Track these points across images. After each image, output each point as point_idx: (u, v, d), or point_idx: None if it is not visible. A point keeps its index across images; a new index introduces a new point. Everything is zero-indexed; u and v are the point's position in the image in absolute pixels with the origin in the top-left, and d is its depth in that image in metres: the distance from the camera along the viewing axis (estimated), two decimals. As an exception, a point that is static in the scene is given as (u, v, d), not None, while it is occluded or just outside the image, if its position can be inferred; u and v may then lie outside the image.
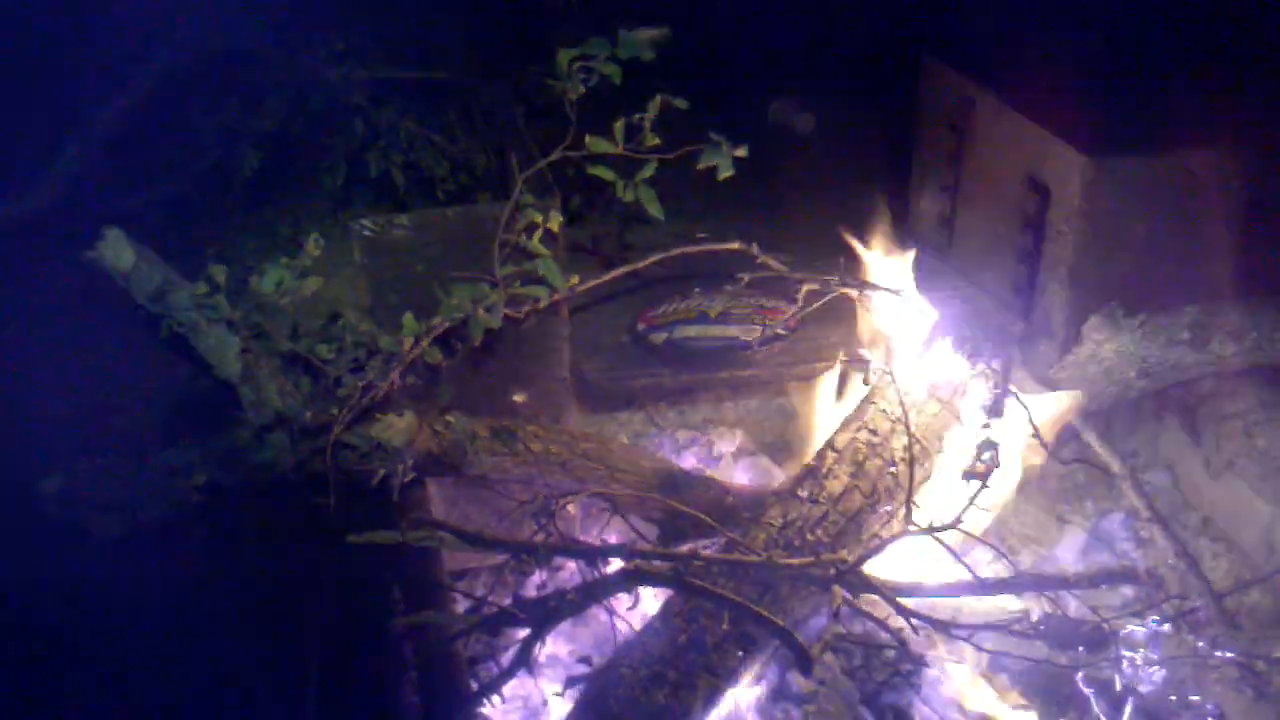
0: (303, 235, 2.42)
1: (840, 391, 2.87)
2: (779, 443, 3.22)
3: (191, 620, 2.33)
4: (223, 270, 2.41)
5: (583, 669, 2.29)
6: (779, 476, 3.00)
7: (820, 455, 2.64)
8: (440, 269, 2.54)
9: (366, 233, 2.63)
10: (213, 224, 3.39)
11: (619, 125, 2.46)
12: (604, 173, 2.51)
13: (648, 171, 2.51)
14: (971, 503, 2.54)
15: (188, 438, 2.47)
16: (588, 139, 2.46)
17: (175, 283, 2.46)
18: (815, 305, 2.67)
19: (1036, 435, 2.64)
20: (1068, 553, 3.01)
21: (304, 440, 2.40)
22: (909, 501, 2.52)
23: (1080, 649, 2.61)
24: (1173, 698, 2.63)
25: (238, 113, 3.47)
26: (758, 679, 2.47)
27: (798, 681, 2.52)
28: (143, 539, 2.35)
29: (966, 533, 2.41)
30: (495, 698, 2.12)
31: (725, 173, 2.52)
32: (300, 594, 2.21)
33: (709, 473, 2.93)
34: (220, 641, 2.24)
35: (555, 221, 2.57)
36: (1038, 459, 2.84)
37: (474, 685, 2.15)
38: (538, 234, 2.53)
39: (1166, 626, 2.68)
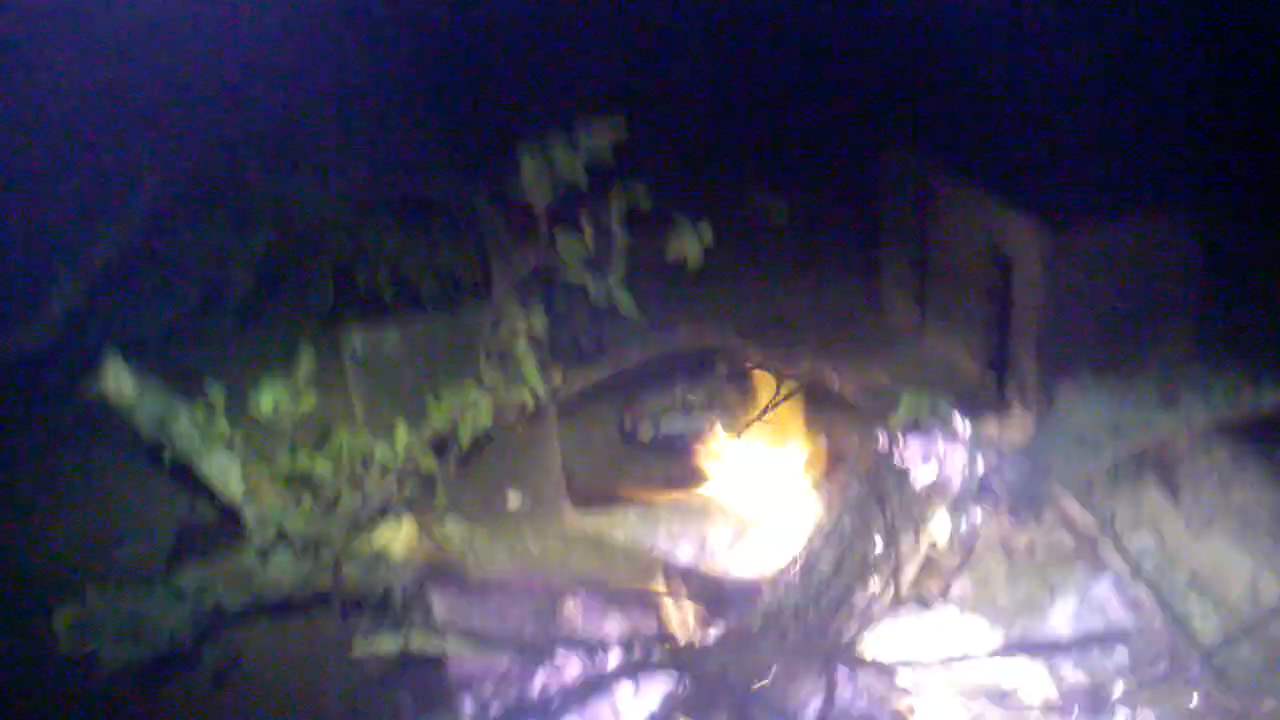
0: (295, 352, 2.49)
1: (826, 470, 2.95)
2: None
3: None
4: (220, 392, 2.49)
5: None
6: (774, 560, 3.06)
7: (810, 538, 2.71)
8: (429, 377, 2.62)
9: (357, 346, 2.72)
10: (207, 346, 3.47)
11: (587, 230, 2.54)
12: (578, 277, 2.59)
13: (618, 271, 2.59)
14: (957, 574, 2.62)
15: (193, 562, 2.54)
16: (559, 243, 2.54)
17: (176, 408, 2.54)
18: (794, 392, 2.77)
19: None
20: (1059, 618, 3.06)
21: (307, 556, 2.47)
22: (897, 578, 2.60)
23: (1076, 712, 2.68)
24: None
25: (227, 236, 3.57)
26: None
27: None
28: (155, 664, 2.41)
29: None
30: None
31: (694, 261, 2.59)
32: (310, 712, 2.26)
33: (704, 563, 3.00)
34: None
35: (537, 323, 2.65)
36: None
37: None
38: (521, 338, 2.61)
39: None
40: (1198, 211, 3.18)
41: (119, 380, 2.49)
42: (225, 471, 2.52)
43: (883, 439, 2.77)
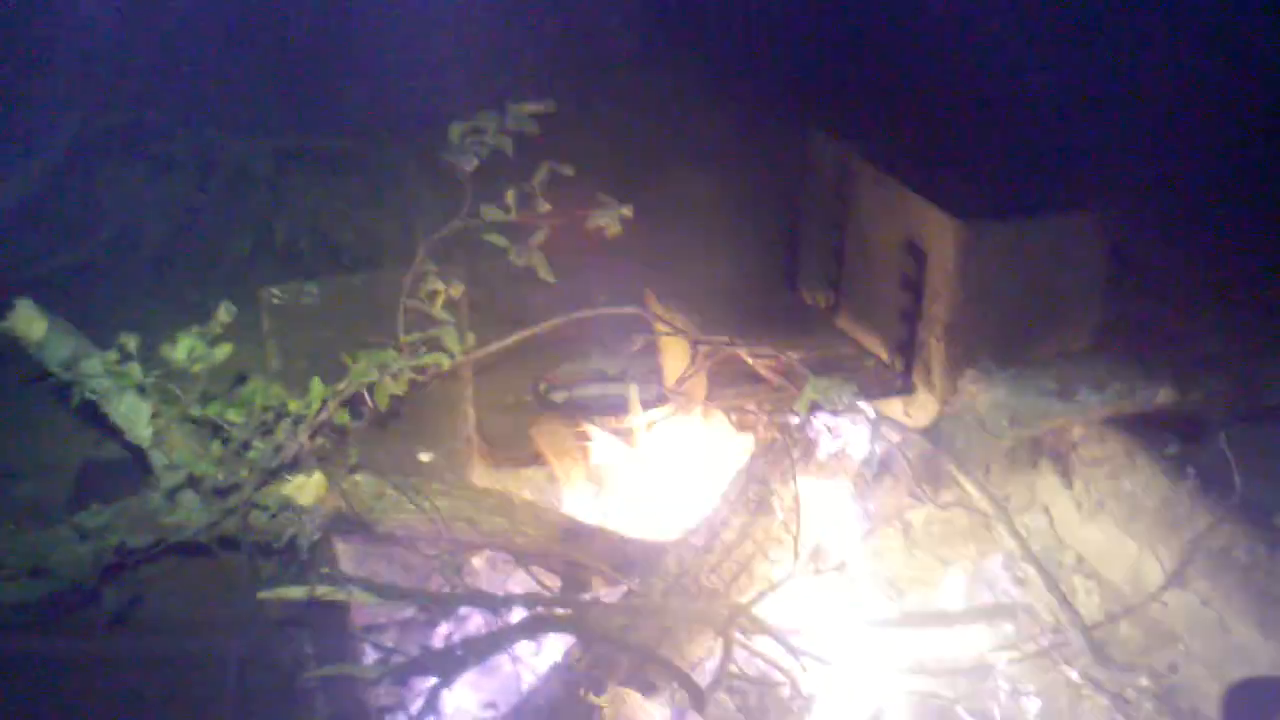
0: (211, 302, 2.48)
1: (734, 442, 3.01)
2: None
3: (103, 685, 2.36)
4: (134, 338, 2.48)
5: (488, 715, 2.37)
6: (679, 526, 3.12)
7: (715, 506, 2.77)
8: (347, 334, 2.62)
9: (275, 300, 2.72)
10: (121, 291, 3.44)
11: (510, 194, 2.57)
12: (497, 239, 2.62)
13: (539, 238, 2.62)
14: (856, 546, 2.70)
15: (98, 502, 2.53)
16: (481, 208, 2.57)
17: (86, 350, 2.52)
18: (708, 364, 2.82)
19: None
20: (951, 593, 3.16)
21: (214, 501, 2.47)
22: (797, 548, 2.67)
23: (961, 681, 2.77)
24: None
25: (144, 182, 3.54)
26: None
27: (696, 722, 2.63)
28: (54, 603, 2.40)
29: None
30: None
31: (613, 231, 2.64)
32: (212, 652, 2.26)
33: (610, 526, 3.04)
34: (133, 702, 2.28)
35: (456, 289, 2.67)
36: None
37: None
38: (439, 300, 2.63)
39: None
40: (1103, 213, 3.30)
41: (28, 319, 2.46)
42: (134, 414, 2.50)
43: (790, 415, 2.83)
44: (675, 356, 3.10)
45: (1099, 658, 2.89)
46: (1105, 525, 3.20)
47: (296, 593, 2.25)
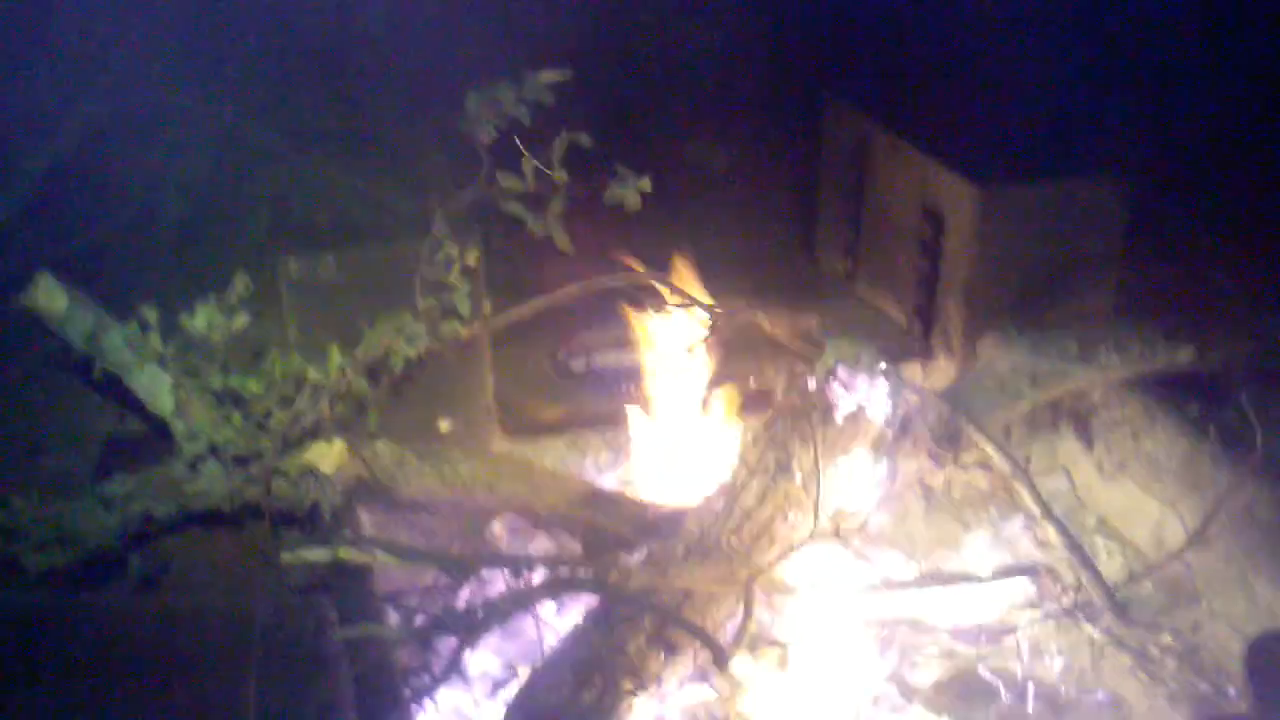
0: (229, 277, 2.51)
1: (755, 408, 3.01)
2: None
3: (128, 638, 2.37)
4: (154, 311, 2.51)
5: (510, 677, 2.39)
6: (701, 491, 3.12)
7: (734, 470, 2.78)
8: (365, 306, 2.64)
9: (293, 272, 2.74)
10: (140, 270, 3.46)
11: (528, 164, 2.58)
12: (516, 209, 2.63)
13: (556, 207, 2.63)
14: (876, 509, 2.70)
15: (121, 472, 2.55)
16: (499, 177, 2.58)
17: (107, 324, 2.55)
18: (727, 331, 2.82)
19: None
20: (972, 555, 3.16)
21: (237, 469, 2.49)
22: (817, 510, 2.67)
23: (983, 640, 2.78)
24: (1071, 686, 2.78)
25: (163, 160, 3.55)
26: (682, 681, 2.58)
27: (718, 682, 2.64)
28: (82, 571, 2.42)
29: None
30: (429, 704, 2.21)
31: (632, 206, 2.65)
32: (238, 610, 2.28)
33: (631, 491, 3.06)
34: (159, 667, 2.29)
35: (472, 256, 2.68)
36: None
37: (408, 694, 2.23)
38: (455, 268, 2.64)
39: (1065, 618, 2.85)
40: (1121, 175, 3.29)
41: (50, 294, 2.49)
42: (155, 386, 2.53)
43: (810, 379, 2.84)
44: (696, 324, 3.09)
45: (1121, 617, 2.88)
46: (1127, 486, 3.20)
47: (319, 555, 2.27)
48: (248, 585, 2.34)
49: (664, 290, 2.88)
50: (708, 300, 2.95)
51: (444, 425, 2.90)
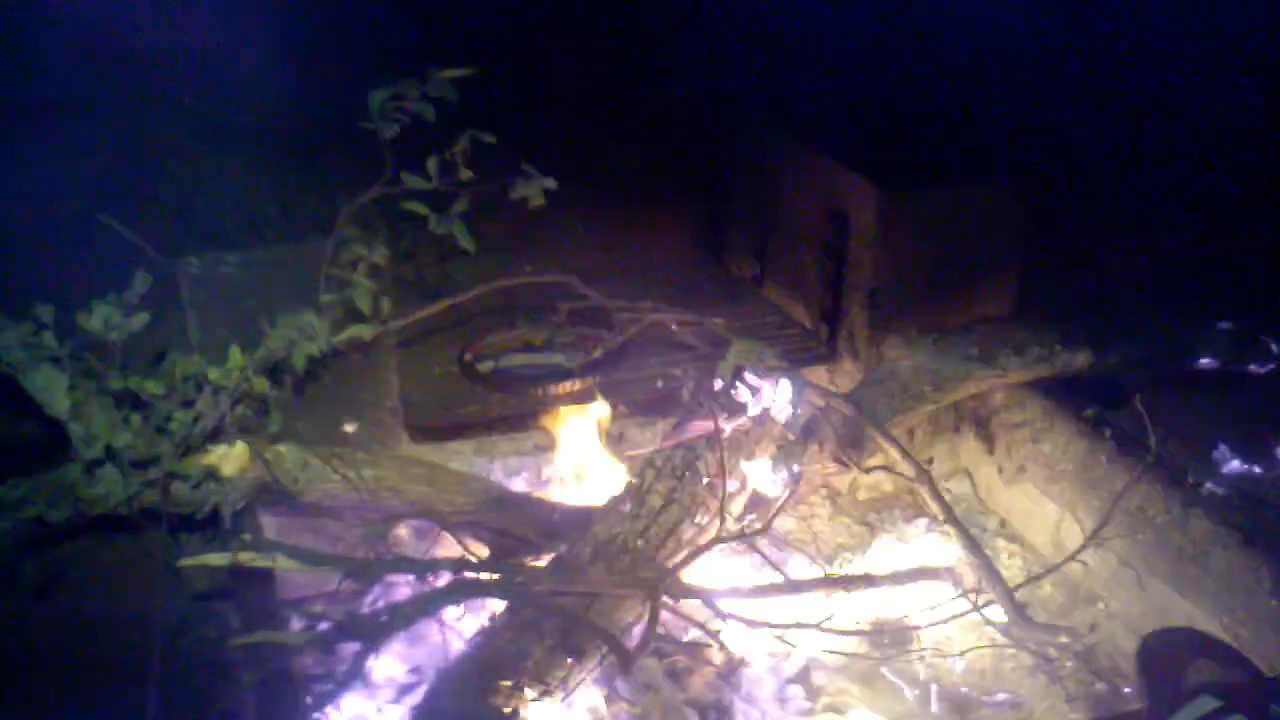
0: (129, 274, 2.45)
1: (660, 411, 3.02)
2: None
3: (21, 660, 2.32)
4: (50, 309, 2.44)
5: (416, 681, 2.38)
6: (607, 494, 3.13)
7: (641, 473, 2.79)
8: (268, 306, 2.60)
9: (193, 270, 2.69)
10: (37, 265, 3.37)
11: (432, 161, 2.56)
12: (418, 207, 2.60)
13: (460, 206, 2.62)
14: (781, 511, 2.72)
15: (14, 476, 2.49)
16: (403, 175, 2.56)
17: (0, 323, 2.49)
18: (633, 333, 2.83)
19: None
20: (877, 557, 3.20)
21: (135, 474, 2.44)
22: (723, 512, 2.69)
23: (887, 642, 2.82)
24: (973, 687, 2.83)
25: (61, 158, 3.47)
26: (587, 685, 2.59)
27: (624, 688, 2.64)
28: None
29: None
30: (332, 711, 2.19)
31: (536, 201, 2.64)
32: (139, 618, 2.23)
33: (538, 495, 3.05)
34: (54, 675, 2.25)
35: (380, 255, 2.66)
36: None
37: (310, 700, 2.21)
38: (361, 267, 2.61)
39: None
40: (1022, 180, 3.35)
41: (-62, 293, 2.43)
42: (51, 386, 2.46)
43: (715, 382, 2.85)
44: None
45: (1021, 618, 2.94)
46: (1026, 488, 3.26)
47: (218, 559, 2.23)
48: (147, 592, 2.29)
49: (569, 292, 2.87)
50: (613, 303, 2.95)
51: (349, 428, 2.87)
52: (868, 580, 2.88)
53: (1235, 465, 2.98)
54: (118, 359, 2.45)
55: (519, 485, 3.22)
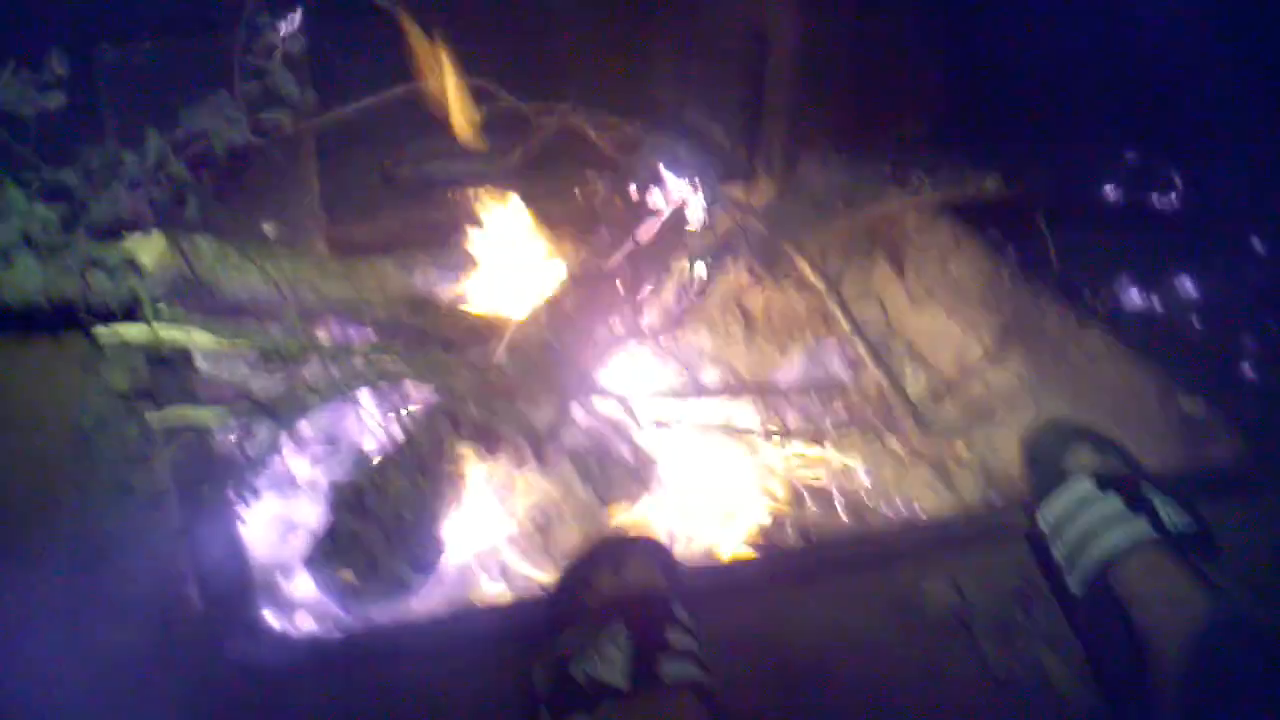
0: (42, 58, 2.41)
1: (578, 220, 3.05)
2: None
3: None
4: (-43, 92, 2.41)
5: (330, 451, 2.43)
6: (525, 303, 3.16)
7: (558, 279, 2.83)
8: (183, 93, 2.58)
9: (107, 59, 2.65)
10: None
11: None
12: None
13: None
14: (695, 319, 2.79)
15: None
16: None
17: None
18: (549, 135, 2.84)
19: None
20: (788, 375, 3.29)
21: (52, 260, 2.43)
22: (638, 319, 2.75)
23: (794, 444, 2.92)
24: (875, 497, 2.95)
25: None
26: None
27: (540, 484, 2.72)
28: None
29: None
30: (248, 488, 2.23)
31: None
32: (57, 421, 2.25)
33: (457, 303, 3.07)
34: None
35: (296, 44, 2.62)
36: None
37: (228, 479, 2.25)
38: (278, 54, 2.59)
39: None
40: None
41: None
42: (-38, 172, 2.45)
43: (632, 189, 2.89)
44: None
45: (923, 431, 3.07)
46: (934, 312, 3.35)
47: (137, 333, 2.25)
48: (67, 391, 2.30)
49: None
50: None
51: (268, 229, 2.86)
52: (774, 388, 2.98)
53: (1133, 294, 3.08)
54: (32, 138, 2.42)
55: (439, 293, 3.23)
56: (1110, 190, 3.31)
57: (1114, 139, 3.36)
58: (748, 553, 2.65)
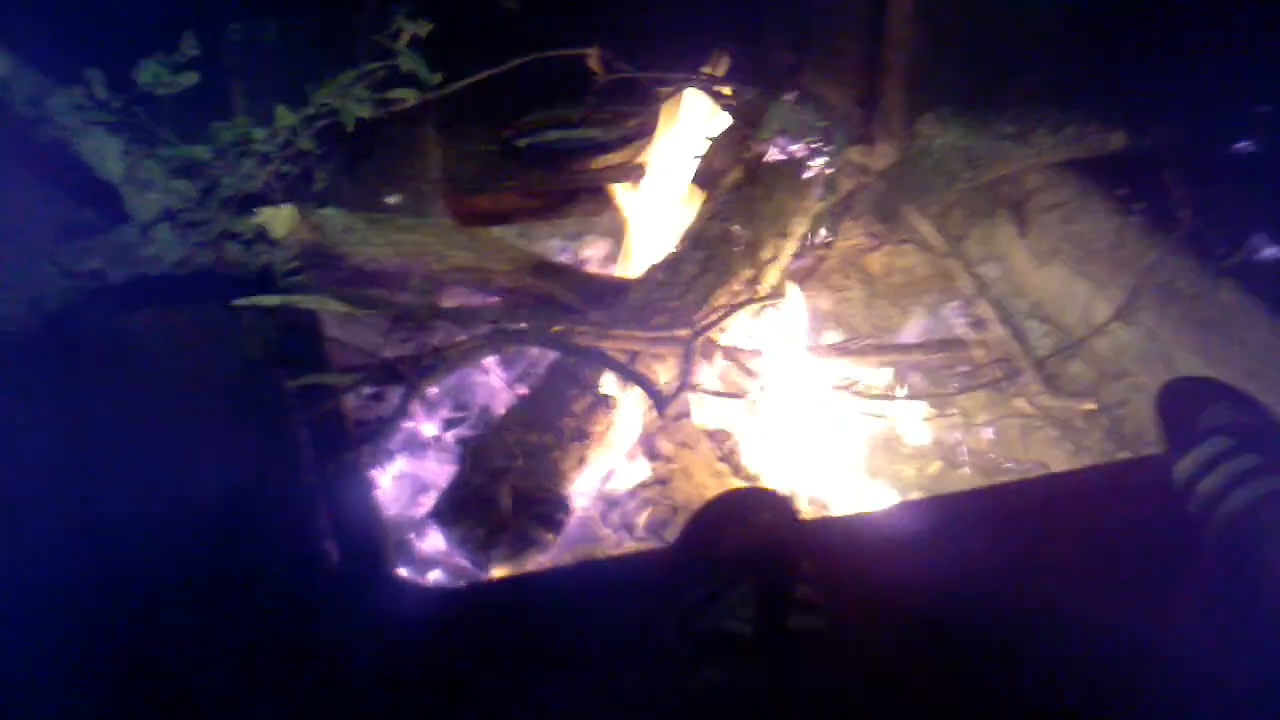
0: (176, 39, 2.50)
1: (699, 181, 3.06)
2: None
3: (90, 408, 2.42)
4: (99, 74, 2.50)
5: (460, 415, 2.48)
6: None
7: (679, 241, 2.85)
8: (310, 69, 2.64)
9: (236, 38, 2.74)
10: (83, 32, 3.37)
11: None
12: None
13: None
14: (815, 280, 2.78)
15: (75, 240, 2.58)
16: None
17: (50, 88, 2.56)
18: (669, 102, 2.85)
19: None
20: (911, 336, 3.26)
21: (189, 233, 2.53)
22: (758, 279, 2.76)
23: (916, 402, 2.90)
24: (1000, 454, 2.91)
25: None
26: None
27: (662, 444, 2.75)
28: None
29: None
30: (381, 446, 2.30)
31: None
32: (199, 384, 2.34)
33: (579, 266, 3.12)
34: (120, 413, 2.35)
35: (423, 27, 2.68)
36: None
37: (359, 437, 2.32)
38: (405, 37, 2.64)
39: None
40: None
41: (-12, 56, 2.49)
42: (105, 150, 2.55)
43: (752, 152, 2.89)
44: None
45: (1050, 390, 3.02)
46: (1059, 270, 3.28)
47: (270, 301, 2.33)
48: (208, 359, 2.39)
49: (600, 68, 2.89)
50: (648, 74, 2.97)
51: (391, 199, 2.93)
52: (898, 349, 2.96)
53: (1268, 249, 2.99)
54: (167, 122, 2.52)
55: (560, 256, 3.28)
56: (1242, 143, 3.20)
57: (1244, 90, 3.25)
58: (871, 508, 2.64)
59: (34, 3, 2.72)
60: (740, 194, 2.84)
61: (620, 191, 3.13)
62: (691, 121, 3.05)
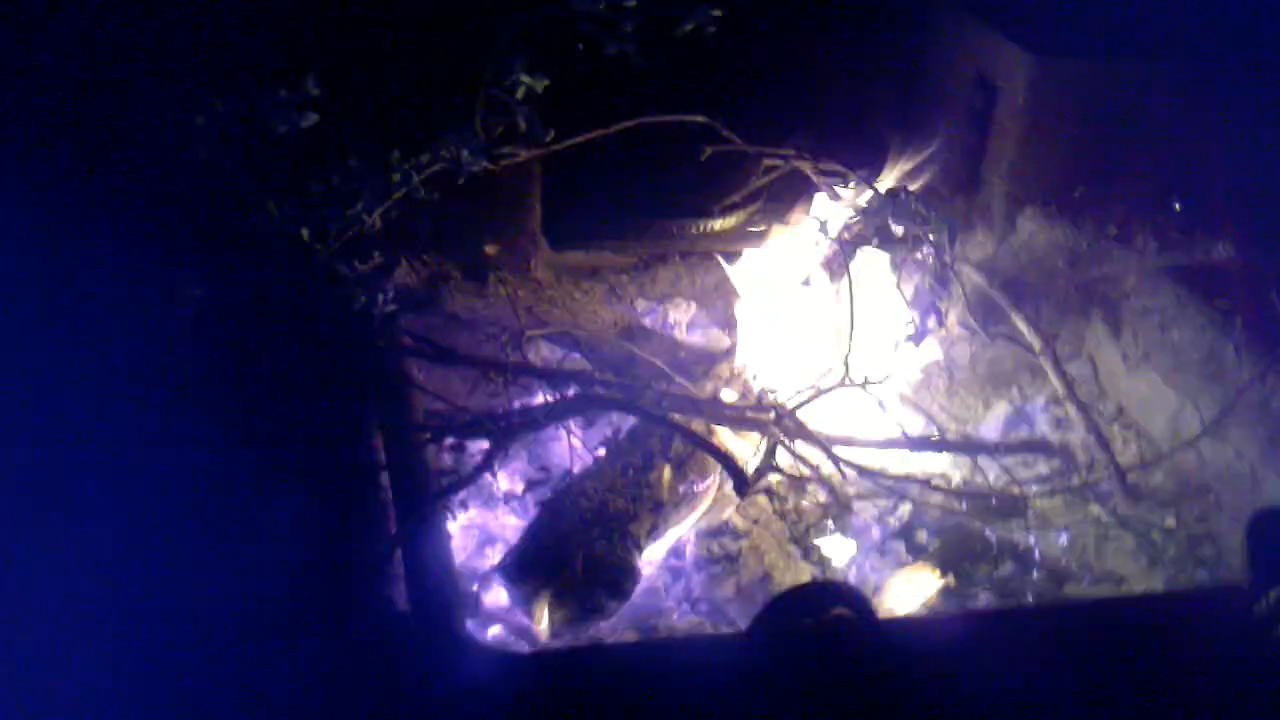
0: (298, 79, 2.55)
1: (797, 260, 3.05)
2: (731, 318, 3.40)
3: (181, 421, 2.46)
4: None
5: (541, 476, 2.50)
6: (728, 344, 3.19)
7: (769, 318, 2.85)
8: (425, 119, 2.68)
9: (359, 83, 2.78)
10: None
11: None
12: (591, 33, 2.60)
13: (629, 28, 2.62)
14: (904, 369, 2.76)
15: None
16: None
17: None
18: (772, 177, 2.86)
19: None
20: (991, 431, 3.23)
21: (295, 265, 2.56)
22: (847, 360, 2.74)
23: (995, 509, 2.86)
24: (1073, 561, 2.87)
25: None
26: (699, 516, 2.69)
27: (734, 520, 2.74)
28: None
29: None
30: (458, 500, 2.32)
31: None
32: (286, 396, 2.36)
33: (670, 329, 3.12)
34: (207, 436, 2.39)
35: (540, 83, 2.70)
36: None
37: (440, 489, 2.34)
38: (522, 91, 2.66)
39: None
40: (1179, 61, 3.28)
41: None
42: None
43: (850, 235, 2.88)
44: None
45: (1130, 500, 2.97)
46: (1149, 376, 3.24)
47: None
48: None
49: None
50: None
51: (490, 249, 2.96)
52: (980, 446, 2.93)
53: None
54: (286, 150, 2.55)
55: (651, 319, 3.28)
56: (1351, 264, 3.15)
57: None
58: (942, 608, 2.62)
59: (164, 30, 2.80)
60: (836, 280, 2.83)
61: (722, 260, 3.13)
62: (805, 207, 3.05)
